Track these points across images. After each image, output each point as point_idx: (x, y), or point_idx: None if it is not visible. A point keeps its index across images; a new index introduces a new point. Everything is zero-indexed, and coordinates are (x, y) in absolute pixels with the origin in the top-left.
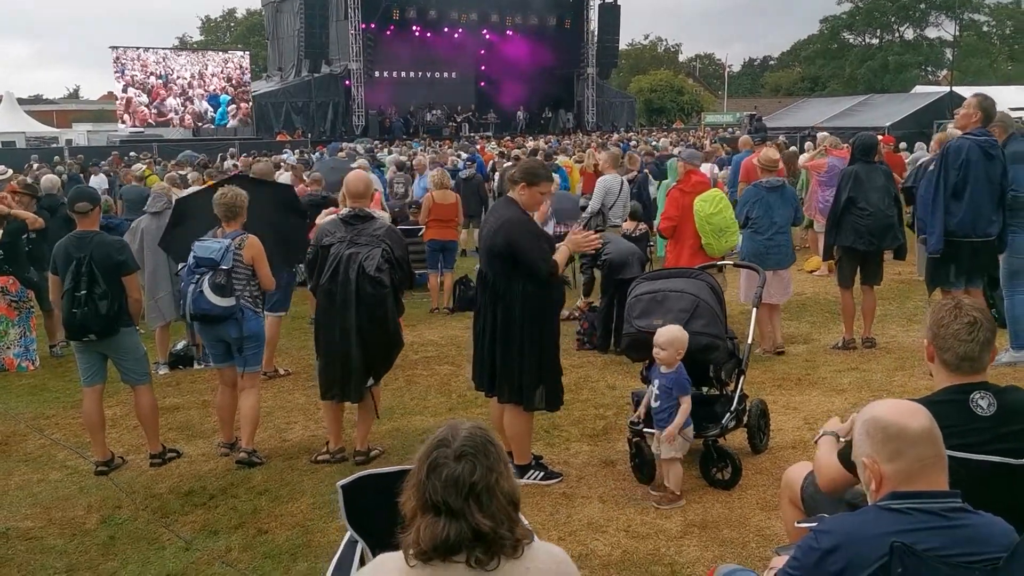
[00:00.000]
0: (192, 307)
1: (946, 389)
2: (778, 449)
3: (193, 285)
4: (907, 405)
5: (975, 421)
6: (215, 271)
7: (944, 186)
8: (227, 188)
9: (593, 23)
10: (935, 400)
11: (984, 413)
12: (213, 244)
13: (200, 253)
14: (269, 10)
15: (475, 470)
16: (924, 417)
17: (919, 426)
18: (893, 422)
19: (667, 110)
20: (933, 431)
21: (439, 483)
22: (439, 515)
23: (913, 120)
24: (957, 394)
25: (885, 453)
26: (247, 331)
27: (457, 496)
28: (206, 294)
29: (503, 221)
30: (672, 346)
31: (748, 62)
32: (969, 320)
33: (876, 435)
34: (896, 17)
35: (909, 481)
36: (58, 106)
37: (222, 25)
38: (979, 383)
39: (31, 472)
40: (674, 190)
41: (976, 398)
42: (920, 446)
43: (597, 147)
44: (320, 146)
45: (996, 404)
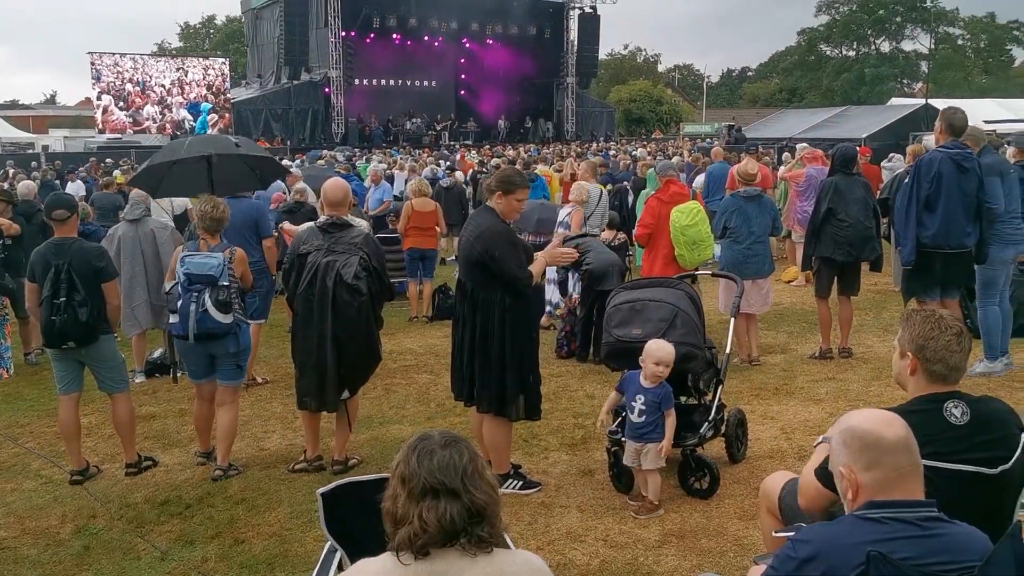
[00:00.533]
0: (197, 327)
1: (920, 398)
2: (756, 458)
3: (194, 304)
4: (883, 415)
5: (949, 430)
6: (215, 288)
7: (916, 198)
8: (212, 200)
9: (573, 33)
10: (909, 410)
11: (958, 422)
12: (209, 260)
13: (195, 270)
14: (249, 17)
15: (463, 454)
16: (900, 426)
17: (895, 435)
18: (869, 431)
19: (646, 120)
20: (909, 440)
21: (433, 467)
22: (438, 497)
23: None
24: (931, 403)
25: (862, 462)
26: (243, 344)
27: (454, 476)
28: (211, 313)
29: (481, 230)
30: (668, 364)
31: (727, 73)
32: (956, 331)
33: (853, 444)
34: (872, 30)
35: (885, 490)
36: (35, 111)
37: (201, 32)
38: (952, 392)
39: (4, 481)
40: (652, 198)
41: (950, 407)
42: (896, 455)
43: (576, 157)
44: (299, 154)
45: (970, 413)
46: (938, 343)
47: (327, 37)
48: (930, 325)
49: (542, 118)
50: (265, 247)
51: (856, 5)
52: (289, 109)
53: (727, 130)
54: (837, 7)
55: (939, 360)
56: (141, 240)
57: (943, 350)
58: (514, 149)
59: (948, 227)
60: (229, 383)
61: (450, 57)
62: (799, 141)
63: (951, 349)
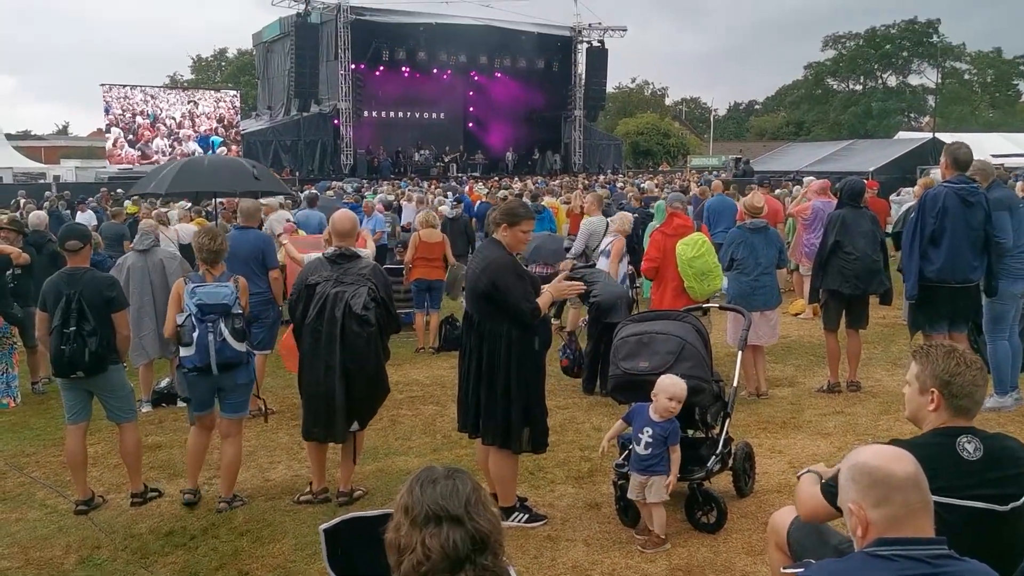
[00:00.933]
0: (218, 357)
1: (934, 432)
2: (763, 493)
3: (211, 335)
4: (892, 451)
5: (961, 465)
6: (229, 317)
7: (921, 233)
8: (211, 231)
9: (580, 66)
10: (921, 443)
11: (970, 457)
12: (221, 289)
13: (208, 300)
14: (260, 50)
15: (467, 483)
16: (909, 463)
17: (904, 472)
18: (878, 467)
19: (653, 153)
20: (919, 477)
21: (436, 495)
22: (440, 524)
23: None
24: (944, 437)
25: (871, 499)
26: (251, 376)
27: (457, 504)
28: (230, 342)
29: (487, 263)
30: (679, 399)
31: (734, 106)
32: (979, 366)
33: (862, 480)
34: (879, 64)
35: (895, 527)
36: (47, 142)
37: (213, 64)
38: (966, 427)
39: (9, 511)
40: (656, 232)
41: (963, 442)
42: (906, 492)
43: (583, 189)
44: (308, 185)
45: (983, 449)
46: (964, 379)
47: (337, 70)
48: (955, 361)
49: (550, 150)
50: (271, 278)
51: (863, 40)
52: (298, 140)
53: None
54: (843, 42)
55: (966, 395)
56: (150, 270)
57: (970, 385)
58: (521, 181)
59: (954, 261)
60: (234, 415)
61: (459, 90)
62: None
63: (977, 384)
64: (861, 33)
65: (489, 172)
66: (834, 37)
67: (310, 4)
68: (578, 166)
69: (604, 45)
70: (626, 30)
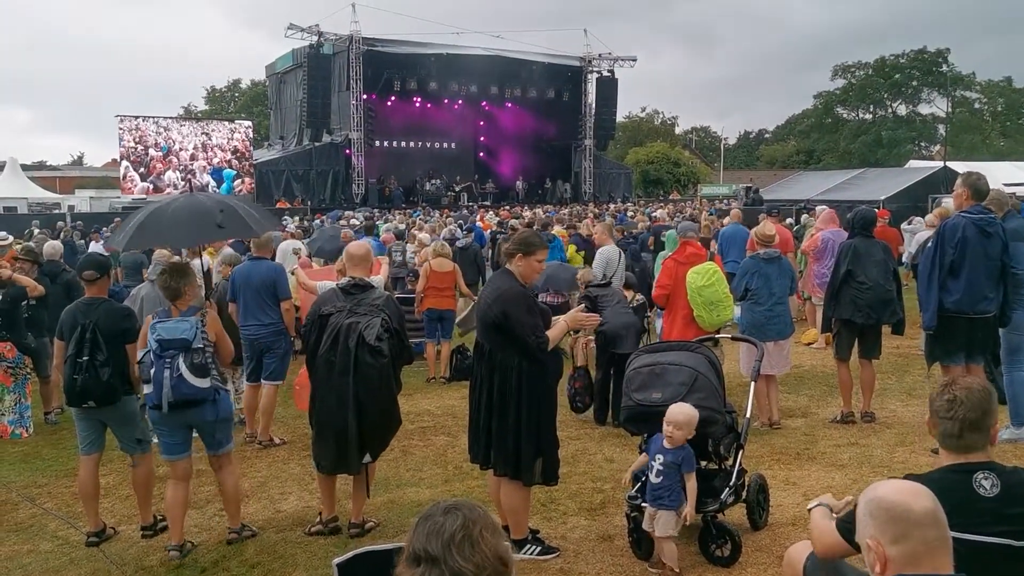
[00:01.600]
0: (172, 394)
1: (948, 467)
2: (778, 526)
3: (168, 370)
4: (910, 486)
5: (978, 501)
6: (188, 352)
7: (941, 264)
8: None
9: (591, 96)
10: (936, 478)
11: (987, 494)
12: (180, 324)
13: (166, 335)
14: (273, 80)
15: (457, 519)
16: (928, 498)
17: (923, 508)
18: (897, 503)
19: (664, 181)
20: (937, 513)
21: (423, 533)
22: (419, 564)
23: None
24: (959, 473)
25: (889, 535)
26: (223, 413)
27: (437, 543)
28: (186, 378)
29: (499, 293)
30: (689, 426)
31: (744, 135)
32: (949, 398)
33: (880, 516)
34: (889, 94)
35: (914, 564)
36: (62, 172)
37: (227, 95)
38: (983, 463)
39: (21, 543)
40: (668, 260)
41: (979, 478)
42: (925, 528)
43: (594, 217)
44: (319, 214)
45: (1000, 485)
46: (934, 407)
47: (349, 100)
48: (940, 389)
49: (560, 179)
50: (283, 309)
51: (872, 69)
52: (310, 170)
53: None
54: (853, 71)
55: (935, 424)
56: (162, 300)
57: (935, 415)
58: (531, 210)
59: (971, 292)
60: (218, 452)
61: (469, 119)
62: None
63: (941, 415)
64: (870, 62)
65: (500, 201)
66: (843, 66)
67: (323, 36)
68: (588, 195)
69: (614, 75)
70: (636, 60)
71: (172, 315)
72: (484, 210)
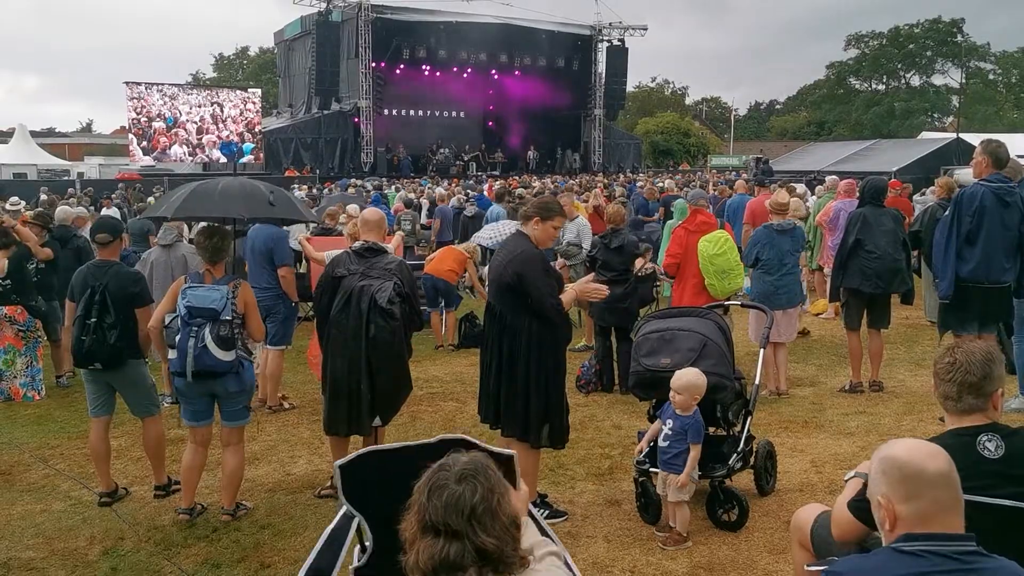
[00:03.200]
0: (195, 364)
1: (953, 431)
2: (785, 492)
3: (193, 339)
4: (926, 446)
5: (982, 463)
6: (216, 323)
7: (957, 232)
8: (213, 227)
9: (601, 65)
10: (942, 440)
11: (992, 455)
12: (211, 293)
13: (196, 303)
14: (281, 48)
15: (476, 491)
16: (943, 460)
17: (937, 468)
18: (910, 462)
19: (673, 152)
20: (951, 474)
21: (439, 504)
22: (438, 536)
23: (919, 166)
24: (964, 436)
25: (900, 493)
26: (246, 384)
27: (458, 517)
28: (211, 349)
29: (514, 255)
30: (688, 391)
31: (754, 106)
32: (950, 360)
33: (892, 474)
34: (902, 64)
35: (924, 523)
36: (71, 139)
37: (235, 63)
38: (987, 425)
39: (34, 502)
40: (679, 228)
41: (983, 440)
42: (937, 488)
43: (603, 187)
44: (328, 183)
45: (1004, 447)
46: (935, 368)
47: (357, 68)
48: (941, 351)
49: (569, 149)
50: (280, 275)
51: (886, 39)
52: (319, 139)
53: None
54: (866, 41)
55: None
56: (173, 265)
57: (936, 376)
58: (540, 180)
59: (988, 262)
60: (234, 424)
61: (479, 88)
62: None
63: (941, 377)
64: (884, 32)
65: (509, 171)
66: (857, 36)
67: (331, 2)
68: (597, 165)
69: (624, 44)
70: (647, 29)
71: (205, 281)
72: (492, 180)
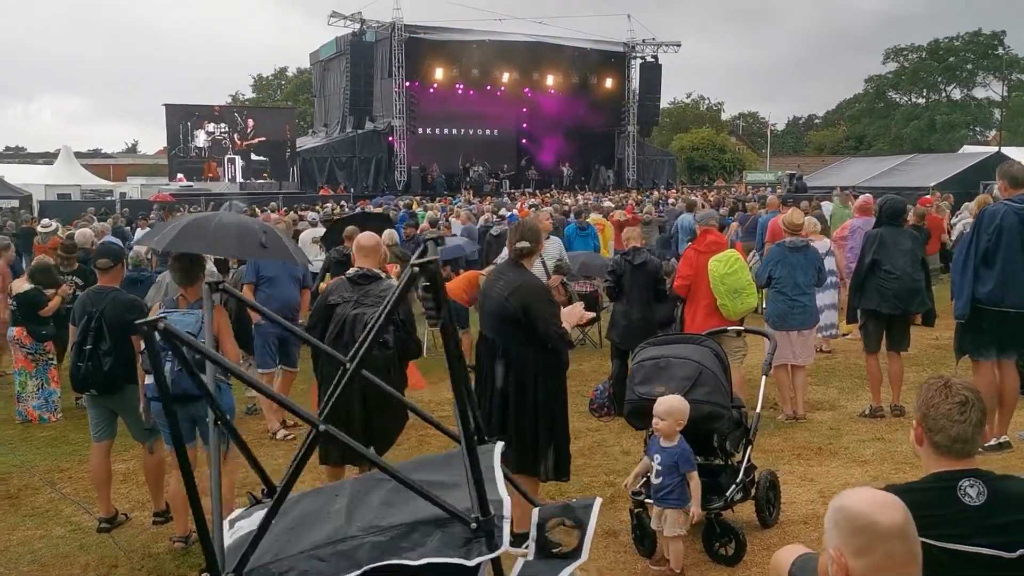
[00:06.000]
0: (172, 388)
1: (934, 475)
2: (788, 524)
3: (169, 363)
4: (881, 497)
5: (963, 511)
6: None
7: (975, 251)
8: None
9: (634, 82)
10: (920, 487)
11: (973, 502)
12: (186, 317)
13: None
14: (317, 68)
15: None
16: (897, 511)
17: (890, 520)
18: (863, 514)
19: (708, 168)
20: (906, 527)
21: None
22: None
23: (959, 181)
24: (944, 481)
25: (852, 546)
26: (224, 406)
27: None
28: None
29: (515, 286)
30: (671, 416)
31: (792, 121)
32: (960, 399)
33: (844, 526)
34: (943, 77)
35: None
36: (115, 160)
37: (273, 83)
38: (969, 470)
39: (35, 527)
40: (689, 249)
41: (964, 486)
42: (890, 541)
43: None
44: (363, 201)
45: (986, 493)
46: (939, 411)
47: (391, 87)
48: (933, 392)
49: (603, 166)
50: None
51: (925, 53)
52: (353, 157)
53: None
54: (906, 55)
55: (939, 430)
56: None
57: (943, 419)
58: (572, 197)
59: (1006, 284)
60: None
61: (512, 106)
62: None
63: (952, 419)
64: (924, 46)
65: (542, 188)
66: (896, 50)
67: (365, 23)
68: (632, 182)
69: (658, 61)
70: (680, 46)
71: (180, 306)
72: (525, 197)
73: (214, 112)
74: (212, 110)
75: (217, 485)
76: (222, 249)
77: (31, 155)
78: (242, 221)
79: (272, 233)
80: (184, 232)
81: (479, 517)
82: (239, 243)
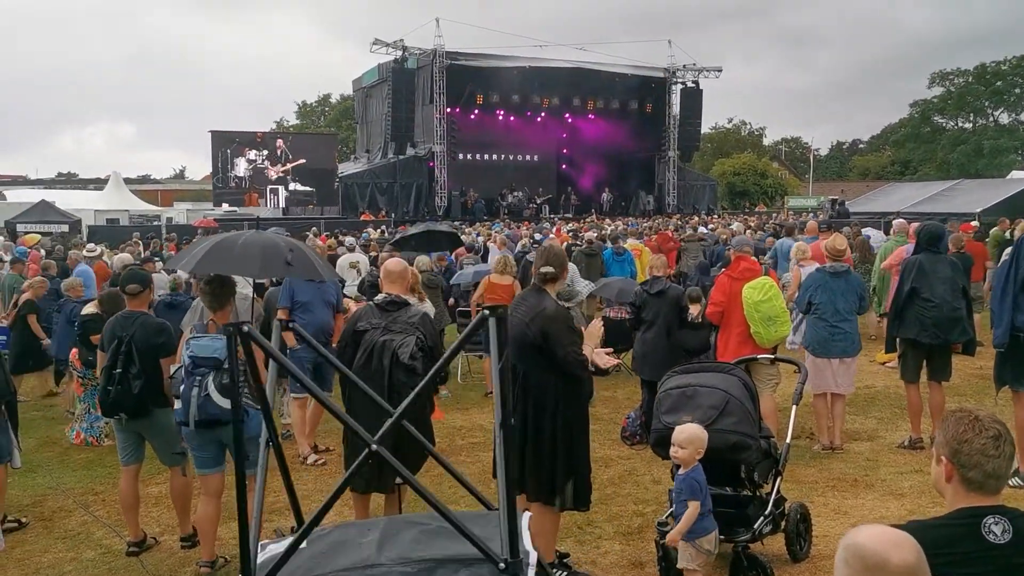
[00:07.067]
0: (199, 413)
1: (958, 512)
2: (820, 558)
3: (196, 388)
4: (893, 535)
5: (988, 549)
6: (220, 371)
7: (1015, 278)
8: (217, 275)
9: (675, 107)
10: (943, 523)
11: (997, 540)
12: (214, 342)
13: (199, 352)
14: (359, 95)
15: None
16: (909, 551)
17: (901, 560)
18: (874, 552)
19: (750, 193)
20: (918, 567)
21: None
22: None
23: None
24: (969, 518)
25: None
26: (251, 432)
27: None
28: (214, 398)
29: (537, 311)
30: (692, 444)
31: (836, 145)
32: (994, 434)
33: (854, 564)
34: (990, 101)
35: None
36: (163, 185)
37: (317, 110)
38: (995, 507)
39: (66, 550)
40: (722, 276)
41: (989, 523)
42: None
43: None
44: (403, 226)
45: (1012, 531)
46: (972, 447)
47: (432, 113)
48: (964, 426)
49: (643, 191)
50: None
51: (972, 77)
52: (394, 183)
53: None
54: (951, 79)
55: (974, 466)
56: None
57: (978, 455)
58: (612, 222)
59: None
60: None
61: (552, 131)
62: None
63: (987, 454)
64: (970, 70)
65: (582, 213)
66: (941, 74)
67: (407, 50)
68: (672, 207)
69: (699, 86)
70: (721, 71)
71: (209, 331)
72: (564, 222)
73: (256, 139)
74: (254, 136)
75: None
76: (247, 269)
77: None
78: (268, 240)
79: (298, 250)
80: (210, 254)
81: (508, 559)
82: (264, 262)
